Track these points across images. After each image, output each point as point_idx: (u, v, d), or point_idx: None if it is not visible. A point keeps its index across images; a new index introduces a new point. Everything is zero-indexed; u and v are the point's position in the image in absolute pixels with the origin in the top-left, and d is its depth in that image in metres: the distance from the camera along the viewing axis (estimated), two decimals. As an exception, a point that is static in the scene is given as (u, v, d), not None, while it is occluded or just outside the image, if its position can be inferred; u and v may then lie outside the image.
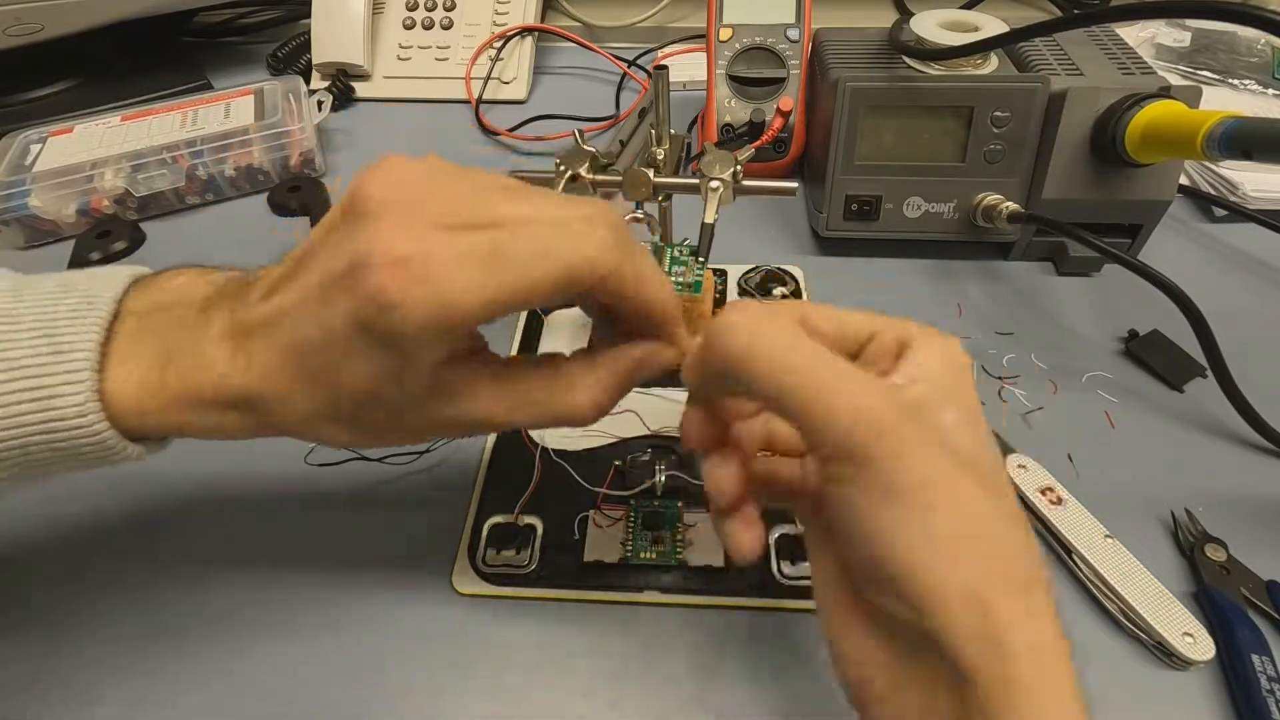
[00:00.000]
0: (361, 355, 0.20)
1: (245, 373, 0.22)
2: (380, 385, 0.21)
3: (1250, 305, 0.45)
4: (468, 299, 0.19)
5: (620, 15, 0.73)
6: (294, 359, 0.21)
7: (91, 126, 0.56)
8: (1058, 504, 0.33)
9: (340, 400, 0.22)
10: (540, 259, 0.20)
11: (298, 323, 0.21)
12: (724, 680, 0.29)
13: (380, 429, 0.23)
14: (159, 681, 0.29)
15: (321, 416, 0.22)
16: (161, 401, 0.23)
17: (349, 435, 0.23)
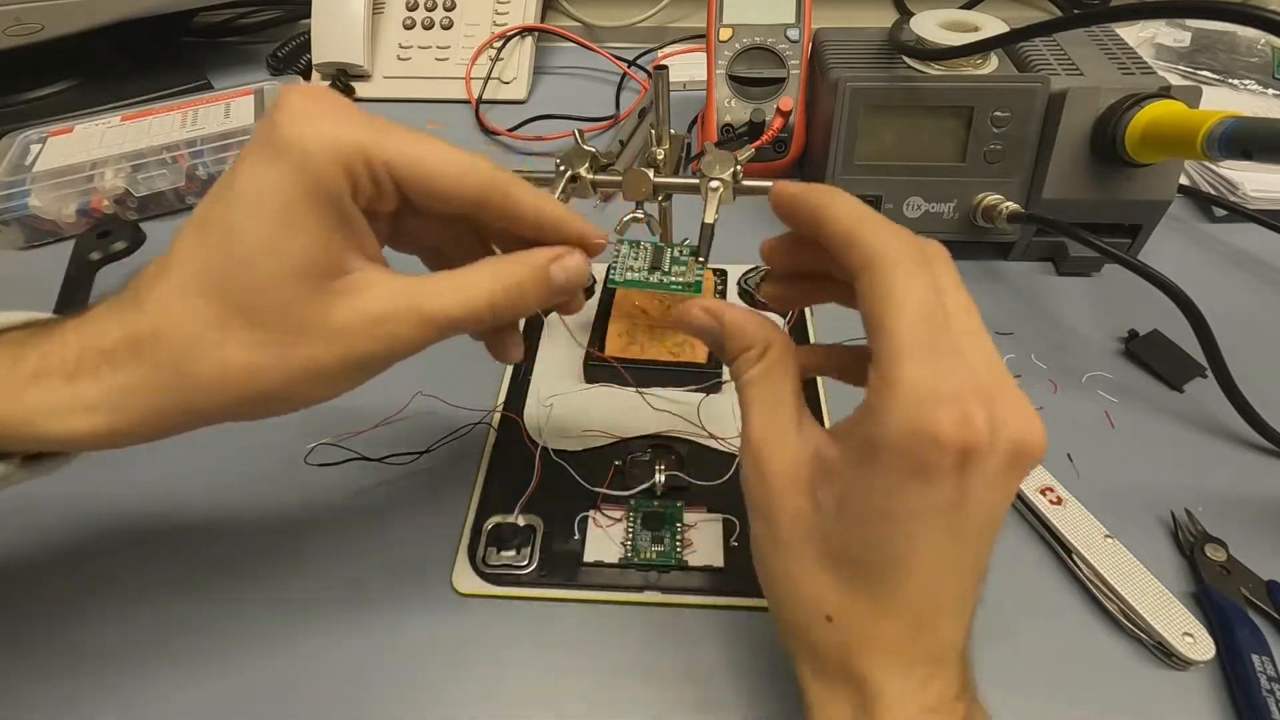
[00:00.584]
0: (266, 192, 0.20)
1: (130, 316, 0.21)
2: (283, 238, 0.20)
3: (1250, 305, 0.45)
4: (364, 136, 0.21)
5: (620, 15, 0.73)
6: (190, 248, 0.21)
7: (91, 126, 0.56)
8: (1058, 504, 0.33)
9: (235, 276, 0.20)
10: (432, 146, 0.22)
11: (204, 207, 0.21)
12: (724, 680, 0.29)
13: (287, 327, 0.21)
14: (158, 682, 0.29)
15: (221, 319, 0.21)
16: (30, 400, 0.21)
17: (249, 348, 0.21)
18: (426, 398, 0.39)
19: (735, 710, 0.28)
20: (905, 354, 0.20)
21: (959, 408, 0.19)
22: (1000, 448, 0.19)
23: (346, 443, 0.37)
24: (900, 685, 0.21)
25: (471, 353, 0.41)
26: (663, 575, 0.32)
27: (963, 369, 0.20)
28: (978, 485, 0.20)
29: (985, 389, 0.20)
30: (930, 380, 0.19)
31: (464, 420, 0.38)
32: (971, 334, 0.21)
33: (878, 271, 0.21)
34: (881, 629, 0.21)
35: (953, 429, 0.19)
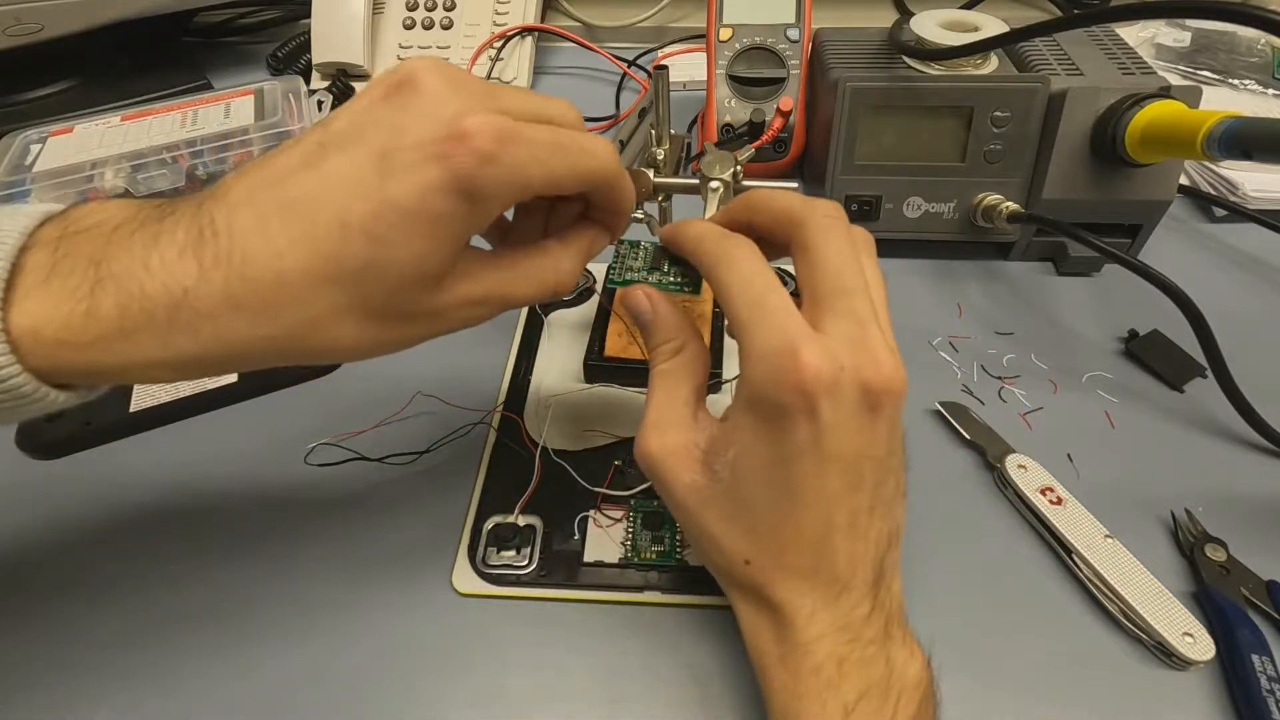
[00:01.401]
0: (439, 218, 0.21)
1: (231, 271, 0.20)
2: (428, 253, 0.22)
3: (1250, 305, 0.45)
4: (538, 170, 0.23)
5: (620, 15, 0.73)
6: (329, 240, 0.21)
7: (91, 126, 0.56)
8: (1058, 504, 0.33)
9: (372, 279, 0.21)
10: (585, 156, 0.24)
11: (346, 197, 0.21)
12: (724, 680, 0.29)
13: (400, 315, 0.23)
14: (157, 682, 0.29)
15: (342, 309, 0.22)
16: (91, 335, 0.20)
17: (359, 329, 0.22)
18: (426, 398, 0.39)
19: (735, 710, 0.28)
20: (744, 325, 0.24)
21: (792, 356, 0.22)
22: (846, 387, 0.22)
23: (346, 443, 0.37)
24: (809, 604, 0.24)
25: (472, 353, 0.42)
26: (663, 575, 0.32)
27: (792, 322, 0.23)
28: (832, 422, 0.22)
29: (835, 336, 0.23)
30: (768, 339, 0.23)
31: (464, 420, 0.38)
32: (849, 290, 0.24)
33: (708, 276, 0.26)
34: (787, 561, 0.24)
35: (792, 373, 0.22)
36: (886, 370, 0.23)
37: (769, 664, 0.25)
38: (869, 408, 0.23)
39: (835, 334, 0.23)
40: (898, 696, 0.23)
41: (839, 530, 0.23)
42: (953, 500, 0.35)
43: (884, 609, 0.24)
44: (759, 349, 0.23)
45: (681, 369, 0.27)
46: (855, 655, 0.23)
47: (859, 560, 0.24)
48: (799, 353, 0.22)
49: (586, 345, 0.40)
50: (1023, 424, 0.38)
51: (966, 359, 0.42)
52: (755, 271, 0.24)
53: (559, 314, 0.44)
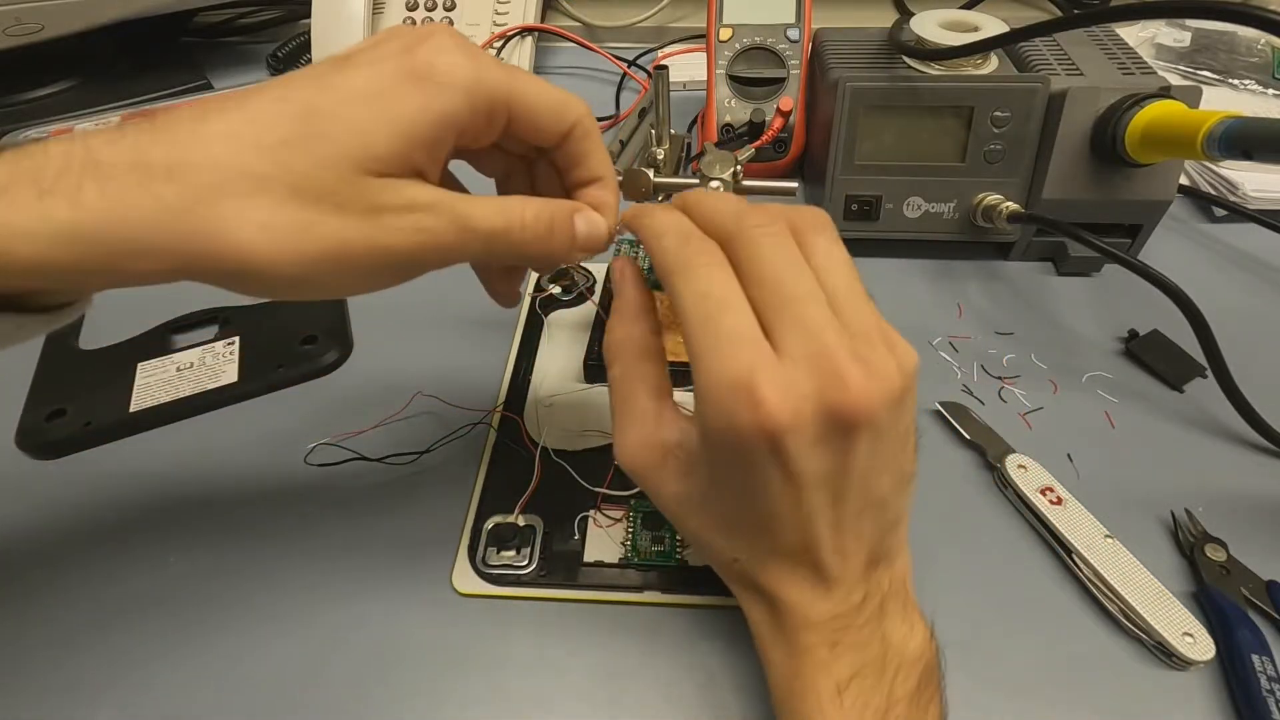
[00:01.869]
0: (383, 100, 0.21)
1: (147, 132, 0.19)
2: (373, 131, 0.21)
3: (1250, 305, 0.45)
4: (495, 75, 0.22)
5: (620, 15, 0.73)
6: (262, 109, 0.20)
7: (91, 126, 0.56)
8: (1058, 504, 0.33)
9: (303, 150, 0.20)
10: (545, 87, 0.24)
11: (292, 84, 0.21)
12: (724, 680, 0.29)
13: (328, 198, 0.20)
14: (157, 682, 0.29)
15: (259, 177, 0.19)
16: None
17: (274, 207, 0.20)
18: (426, 398, 0.39)
19: (735, 710, 0.28)
20: (694, 353, 0.22)
21: (745, 394, 0.20)
22: (807, 419, 0.21)
23: (346, 443, 0.37)
24: (797, 596, 0.24)
25: (472, 353, 0.42)
26: (663, 575, 0.32)
27: (746, 353, 0.21)
28: (799, 454, 0.21)
29: (791, 360, 0.21)
30: (716, 372, 0.21)
31: (464, 420, 0.38)
32: (791, 299, 0.22)
33: (664, 283, 0.23)
34: (773, 563, 0.24)
35: (745, 415, 0.20)
36: (854, 390, 0.20)
37: (766, 647, 0.25)
38: (840, 433, 0.21)
39: (791, 352, 0.21)
40: (895, 672, 0.23)
41: (822, 538, 0.23)
42: (953, 500, 0.35)
43: (880, 589, 0.24)
44: (710, 381, 0.21)
45: (633, 370, 0.26)
46: (848, 638, 0.23)
47: (848, 556, 0.24)
48: (755, 387, 0.20)
49: (586, 345, 0.40)
50: (1023, 424, 0.38)
51: (966, 359, 0.42)
52: (712, 285, 0.22)
53: (559, 314, 0.44)
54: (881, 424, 0.22)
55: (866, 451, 0.22)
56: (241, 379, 0.40)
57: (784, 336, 0.21)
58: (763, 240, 0.23)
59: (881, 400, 0.21)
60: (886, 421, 0.22)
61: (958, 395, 0.39)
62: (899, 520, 0.25)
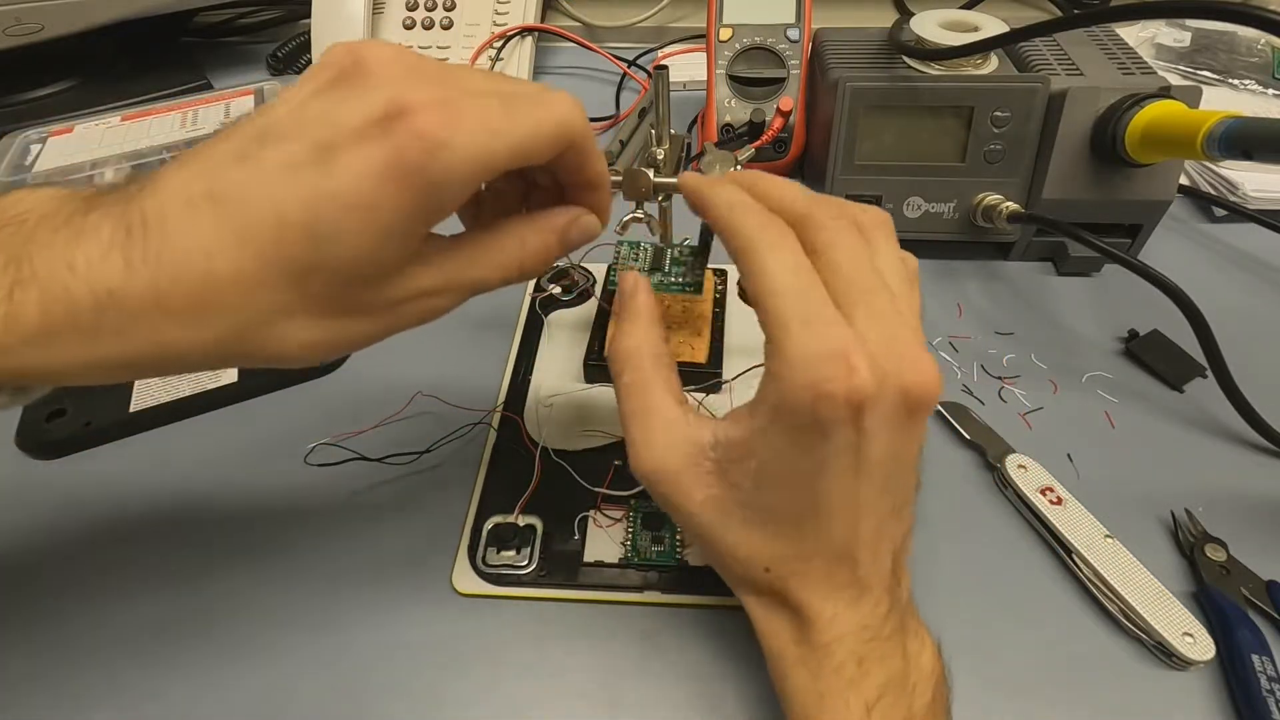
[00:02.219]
0: (385, 209, 0.19)
1: (160, 271, 0.19)
2: (379, 248, 0.20)
3: (1250, 305, 0.45)
4: (499, 141, 0.21)
5: (620, 15, 0.73)
6: (264, 239, 0.19)
7: (91, 126, 0.56)
8: (1058, 504, 0.33)
9: (317, 279, 0.20)
10: (543, 114, 0.22)
11: (282, 191, 0.19)
12: (724, 680, 0.29)
13: (353, 311, 0.21)
14: (156, 682, 0.29)
15: (286, 309, 0.20)
16: (13, 338, 0.19)
17: (308, 329, 0.21)
18: (426, 398, 0.39)
19: (735, 710, 0.28)
20: (784, 324, 0.22)
21: (841, 362, 0.21)
22: (889, 394, 0.21)
23: (346, 443, 0.37)
24: (831, 608, 0.23)
25: (472, 353, 0.42)
26: (663, 575, 0.32)
27: (839, 327, 0.21)
28: (874, 430, 0.22)
29: (871, 342, 0.21)
30: (811, 342, 0.21)
31: (464, 420, 0.38)
32: (865, 290, 0.22)
33: (744, 255, 0.23)
34: (809, 567, 0.24)
35: (838, 382, 0.21)
36: (926, 372, 0.22)
37: (787, 665, 0.24)
38: (908, 413, 0.22)
39: (869, 336, 0.22)
40: (914, 687, 0.23)
41: (865, 537, 0.23)
42: (953, 500, 0.35)
43: (900, 604, 0.24)
44: (799, 353, 0.21)
45: (651, 373, 0.26)
46: (875, 653, 0.23)
47: (880, 561, 0.24)
48: (848, 358, 0.21)
49: (586, 345, 0.40)
50: (1023, 424, 0.38)
51: (966, 359, 0.42)
52: (799, 263, 0.23)
53: (559, 314, 0.44)
54: (930, 412, 0.23)
55: (919, 441, 0.23)
56: (241, 379, 0.40)
57: (859, 321, 0.22)
58: (841, 231, 0.24)
59: (941, 385, 0.22)
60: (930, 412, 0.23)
61: (958, 395, 0.39)
62: (908, 534, 0.25)
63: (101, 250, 0.19)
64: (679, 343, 0.40)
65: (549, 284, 0.45)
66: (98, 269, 0.19)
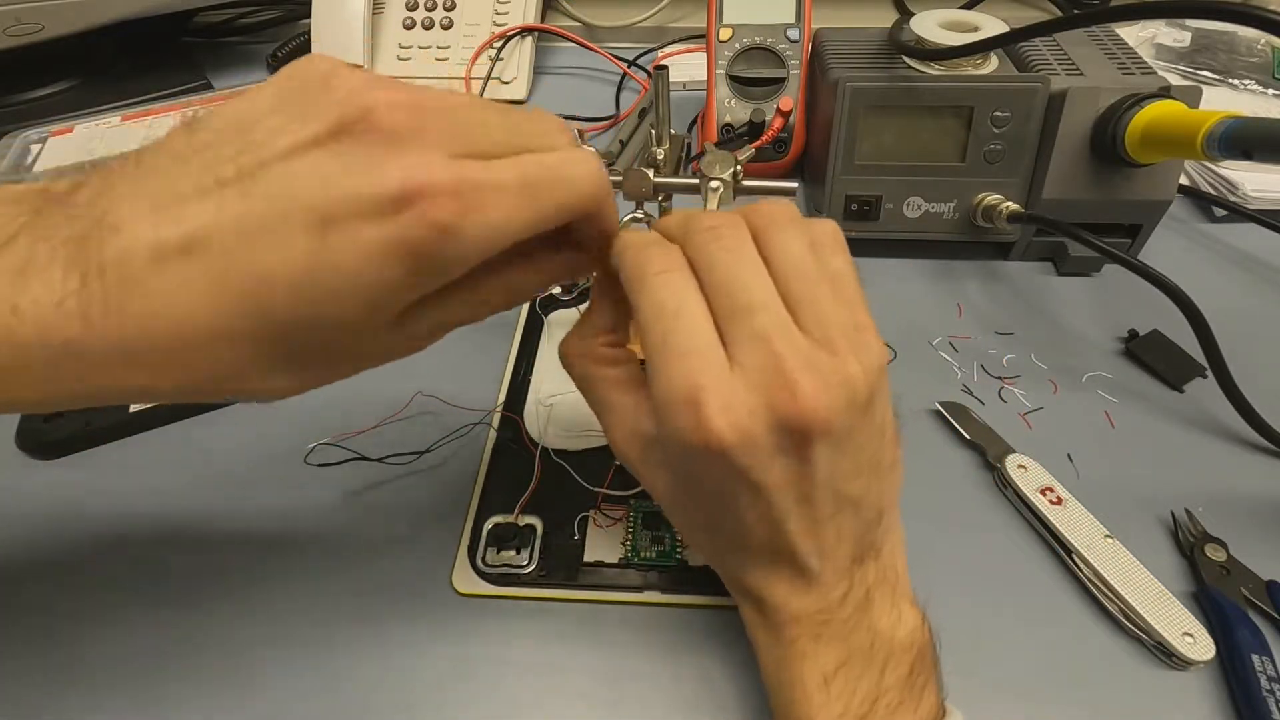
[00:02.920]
0: (382, 284, 0.19)
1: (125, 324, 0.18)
2: (371, 315, 0.19)
3: (1250, 305, 0.45)
4: (512, 223, 0.20)
5: (620, 15, 0.73)
6: (247, 295, 0.18)
7: (91, 126, 0.56)
8: (1058, 504, 0.33)
9: (297, 337, 0.19)
10: (564, 195, 0.21)
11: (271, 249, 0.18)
12: (724, 680, 0.29)
13: (337, 359, 0.21)
14: (156, 681, 0.29)
15: (267, 360, 0.19)
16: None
17: (289, 377, 0.21)
18: (426, 398, 0.39)
19: (735, 710, 0.28)
20: (650, 365, 0.21)
21: (698, 411, 0.20)
22: (759, 434, 0.20)
23: (346, 443, 0.37)
24: (779, 596, 0.24)
25: (471, 353, 0.42)
26: (663, 575, 0.32)
27: (697, 365, 0.20)
28: (756, 469, 0.21)
29: (747, 368, 0.20)
30: (669, 384, 0.20)
31: (464, 420, 0.38)
32: (742, 307, 0.21)
33: (629, 298, 0.22)
34: (753, 562, 0.24)
35: (694, 434, 0.20)
36: (805, 399, 0.20)
37: (756, 640, 0.26)
38: (796, 442, 0.20)
39: (743, 362, 0.20)
40: (885, 660, 0.24)
41: (797, 540, 0.23)
42: (953, 500, 0.35)
43: (864, 581, 0.24)
44: (660, 396, 0.21)
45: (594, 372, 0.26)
46: (830, 631, 0.24)
47: (829, 554, 0.23)
48: (700, 405, 0.20)
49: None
50: (1023, 424, 0.38)
51: (966, 359, 0.42)
52: (668, 294, 0.21)
53: (559, 314, 0.44)
54: (839, 431, 0.21)
55: (828, 458, 0.21)
56: (241, 379, 0.40)
57: (736, 345, 0.21)
58: (712, 244, 0.22)
59: (837, 407, 0.20)
60: (847, 426, 0.21)
61: (958, 395, 0.39)
62: (882, 513, 0.24)
63: (53, 298, 0.17)
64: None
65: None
66: (50, 318, 0.17)
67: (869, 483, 0.23)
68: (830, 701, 0.23)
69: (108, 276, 0.17)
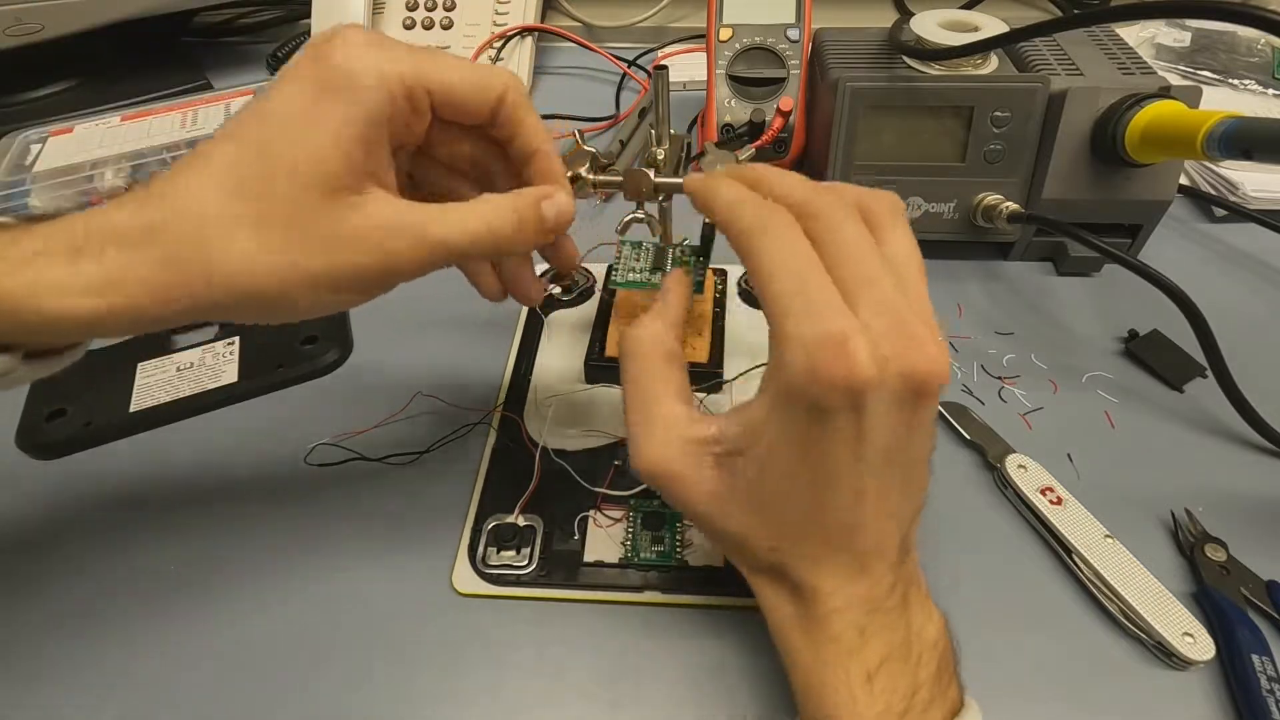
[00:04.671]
0: (309, 116, 0.23)
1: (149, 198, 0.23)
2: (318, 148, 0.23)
3: (1250, 305, 0.45)
4: (407, 63, 0.24)
5: (620, 15, 0.73)
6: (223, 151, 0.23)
7: (91, 126, 0.56)
8: (1058, 504, 0.33)
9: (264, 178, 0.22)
10: (462, 65, 0.25)
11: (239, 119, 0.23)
12: (724, 680, 0.29)
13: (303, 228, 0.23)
14: (157, 683, 0.29)
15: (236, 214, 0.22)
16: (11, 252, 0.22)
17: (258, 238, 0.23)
18: (426, 398, 0.39)
19: (736, 710, 0.28)
20: (784, 310, 0.22)
21: (840, 347, 0.21)
22: (891, 379, 0.22)
23: (346, 443, 0.37)
24: (831, 583, 0.24)
25: (472, 353, 0.42)
26: (663, 575, 0.32)
27: (838, 312, 0.22)
28: (876, 414, 0.22)
29: (873, 328, 0.22)
30: (810, 327, 0.22)
31: (464, 420, 0.38)
32: (867, 278, 0.23)
33: (745, 245, 0.24)
34: (809, 546, 0.24)
35: (838, 367, 0.21)
36: (931, 354, 0.22)
37: (791, 636, 0.25)
38: (914, 398, 0.22)
39: (872, 324, 0.22)
40: (918, 658, 0.24)
41: (869, 519, 0.23)
42: (953, 500, 0.35)
43: (904, 579, 0.25)
44: (801, 337, 0.22)
45: (658, 370, 0.26)
46: (876, 624, 0.24)
47: (886, 541, 0.24)
48: (846, 344, 0.21)
49: (587, 345, 0.40)
50: (1023, 424, 0.38)
51: (966, 359, 0.42)
52: (799, 249, 0.23)
53: (559, 314, 0.44)
54: (938, 396, 0.23)
55: (924, 423, 0.23)
56: (241, 379, 0.40)
57: (862, 308, 0.22)
58: (846, 220, 0.24)
59: (947, 370, 0.22)
60: (938, 398, 0.23)
61: (958, 395, 0.39)
62: (918, 510, 0.25)
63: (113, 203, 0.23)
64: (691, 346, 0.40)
65: (549, 284, 0.45)
66: (103, 211, 0.23)
67: (924, 475, 0.25)
68: (874, 700, 0.23)
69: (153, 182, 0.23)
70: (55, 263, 0.22)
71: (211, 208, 0.22)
